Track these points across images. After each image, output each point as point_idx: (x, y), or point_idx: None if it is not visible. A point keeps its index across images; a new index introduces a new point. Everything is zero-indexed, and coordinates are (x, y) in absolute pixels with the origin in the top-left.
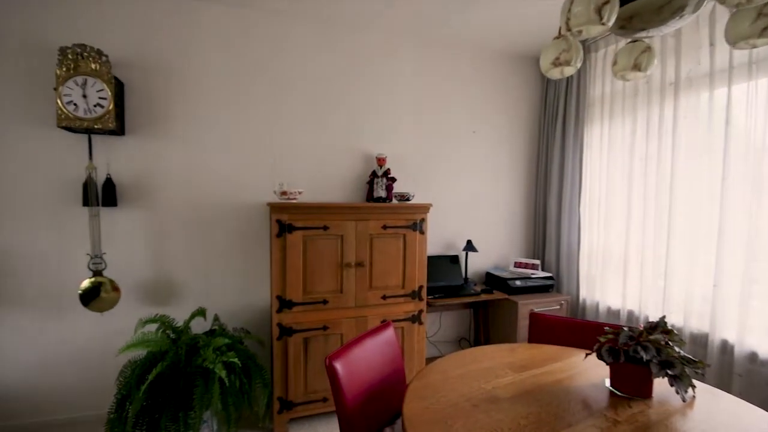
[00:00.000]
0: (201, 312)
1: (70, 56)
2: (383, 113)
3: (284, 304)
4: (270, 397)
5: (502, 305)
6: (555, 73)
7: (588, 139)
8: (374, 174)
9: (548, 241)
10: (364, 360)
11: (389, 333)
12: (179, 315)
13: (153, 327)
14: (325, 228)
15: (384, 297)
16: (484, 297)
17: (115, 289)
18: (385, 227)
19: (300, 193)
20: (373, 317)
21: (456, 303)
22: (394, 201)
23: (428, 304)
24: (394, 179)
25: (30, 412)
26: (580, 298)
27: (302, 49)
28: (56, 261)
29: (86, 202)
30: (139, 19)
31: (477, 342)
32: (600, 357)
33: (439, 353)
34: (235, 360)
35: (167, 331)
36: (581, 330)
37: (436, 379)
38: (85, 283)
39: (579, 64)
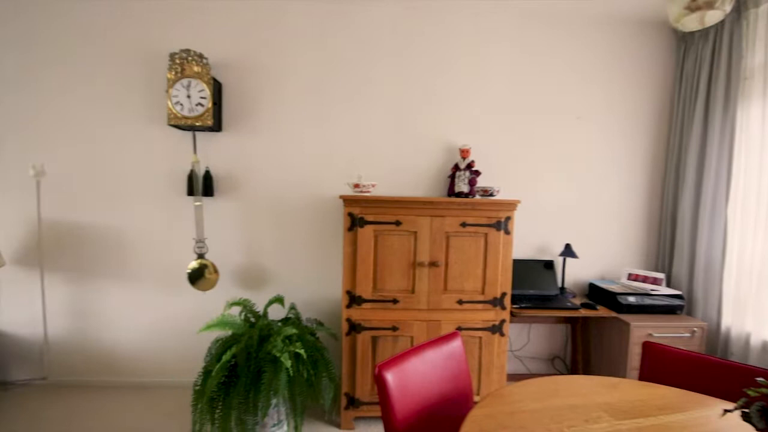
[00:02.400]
0: (279, 299)
1: (177, 61)
2: (469, 100)
3: (354, 299)
4: (337, 391)
5: (608, 325)
6: (691, 23)
7: (742, 122)
8: (456, 167)
9: (678, 251)
10: (420, 373)
11: (455, 345)
12: (262, 299)
13: (237, 309)
14: (398, 223)
15: (460, 302)
16: (584, 312)
17: (216, 271)
18: (463, 225)
19: (373, 185)
20: (446, 323)
21: (548, 316)
22: (477, 196)
23: (512, 314)
24: (478, 173)
25: (144, 371)
26: (722, 326)
27: (382, 38)
28: (166, 243)
29: (190, 192)
30: (236, 23)
31: (574, 364)
32: (747, 419)
33: (527, 370)
34: (301, 351)
35: (248, 315)
36: (719, 372)
37: (504, 411)
38: (193, 264)
39: (728, 8)
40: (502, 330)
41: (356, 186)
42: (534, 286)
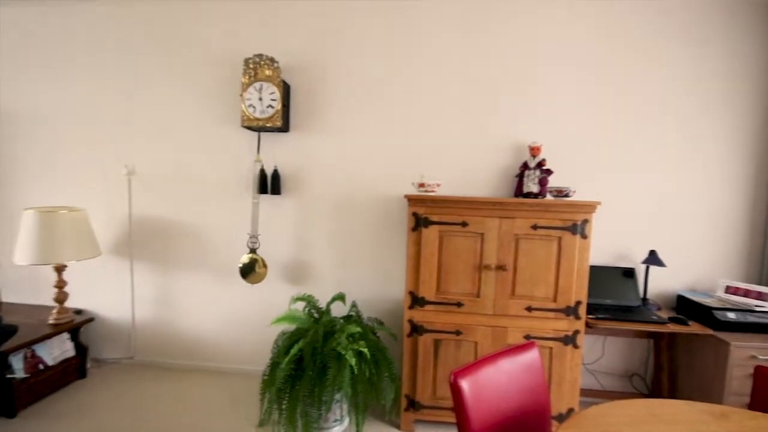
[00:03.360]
0: (340, 297)
1: (251, 65)
2: (540, 94)
3: (416, 300)
4: (398, 392)
5: (700, 343)
6: None
7: None
8: (525, 165)
9: None
10: (496, 384)
11: (532, 356)
12: (323, 294)
13: (301, 304)
14: (464, 224)
15: (529, 309)
16: (672, 328)
17: (264, 266)
18: (534, 227)
19: (438, 185)
20: (513, 330)
21: (628, 329)
22: (549, 197)
23: (587, 325)
24: (549, 171)
25: (216, 357)
26: None
27: (448, 35)
28: (236, 238)
29: (261, 190)
30: (304, 27)
31: (657, 384)
32: None
33: (600, 386)
34: (365, 350)
35: (312, 310)
36: None
37: None
38: (244, 258)
39: None
40: (576, 341)
41: (421, 185)
42: (612, 296)
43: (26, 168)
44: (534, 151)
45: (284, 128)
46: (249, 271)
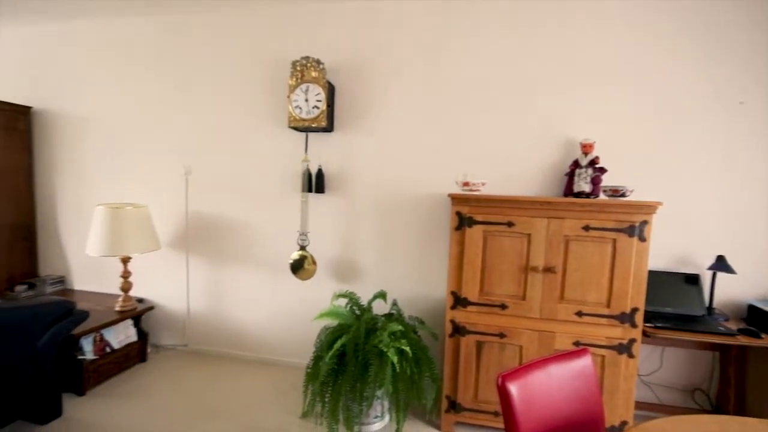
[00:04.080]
0: (382, 295)
1: (298, 67)
2: (592, 89)
3: (459, 301)
4: (438, 392)
5: None
6: None
7: None
8: (576, 164)
9: None
10: (546, 390)
11: (585, 363)
12: (363, 292)
13: (342, 301)
14: (510, 224)
15: (579, 314)
16: (743, 340)
17: (314, 262)
18: (587, 228)
19: (483, 184)
20: (561, 335)
21: (691, 340)
22: (602, 197)
23: (644, 334)
24: (603, 170)
25: (263, 349)
26: None
27: (491, 31)
28: (282, 234)
29: (304, 189)
30: (349, 28)
31: (722, 400)
32: None
33: (657, 400)
34: (407, 348)
35: (353, 307)
36: None
37: None
38: (295, 255)
39: None
40: (632, 350)
41: (465, 184)
42: (672, 304)
43: (99, 168)
44: (586, 148)
45: (329, 128)
46: (299, 268)
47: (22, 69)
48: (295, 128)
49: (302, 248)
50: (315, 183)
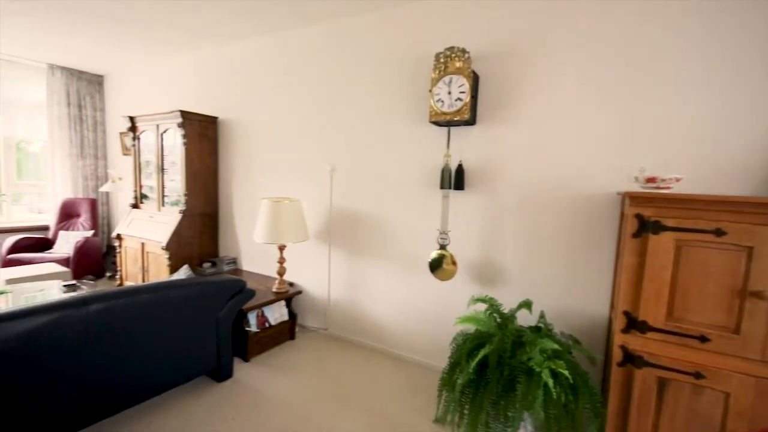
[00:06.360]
0: (527, 304)
1: (441, 59)
2: None
3: (634, 324)
4: (601, 431)
5: None
6: None
7: None
8: None
9: None
10: None
11: None
12: (501, 298)
13: (481, 306)
14: (719, 233)
15: None
16: None
17: (454, 263)
18: None
19: (677, 180)
20: None
21: None
22: None
23: None
24: None
25: (396, 344)
26: None
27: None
28: (417, 231)
29: (442, 185)
30: (494, 14)
31: None
32: None
33: None
34: (565, 372)
35: (494, 314)
36: None
37: None
38: (434, 254)
39: None
40: None
41: (649, 180)
42: None
43: (264, 167)
44: None
45: (471, 121)
46: (437, 267)
47: (207, 85)
48: (436, 123)
49: (442, 247)
50: (454, 179)
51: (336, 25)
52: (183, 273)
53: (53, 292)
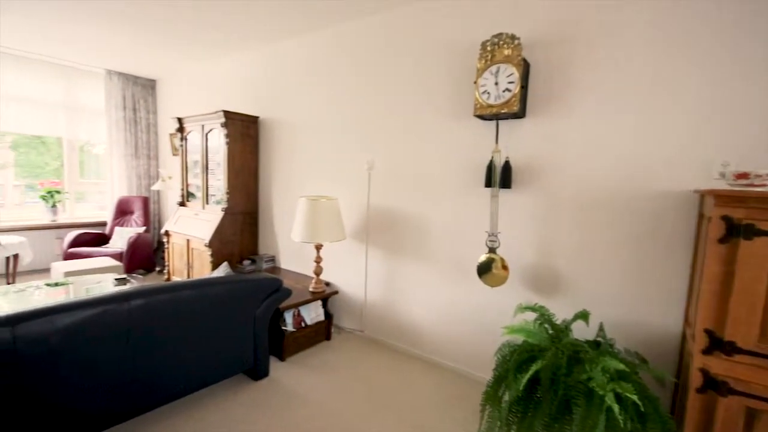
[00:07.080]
0: (584, 315)
1: (488, 48)
2: None
3: (717, 344)
4: None
5: None
6: None
7: None
8: None
9: None
10: None
11: None
12: (553, 308)
13: (529, 315)
14: None
15: None
16: None
17: (505, 267)
18: None
19: None
20: None
21: None
22: None
23: None
24: None
25: (433, 349)
26: None
27: None
28: (460, 232)
29: (488, 184)
30: None
31: None
32: None
33: None
34: (634, 397)
35: (545, 325)
36: None
37: None
38: (482, 258)
39: None
40: None
41: (740, 176)
42: None
43: (302, 165)
44: None
45: (520, 113)
46: (485, 271)
47: (250, 85)
48: (481, 116)
49: (491, 250)
50: (500, 177)
51: (377, 19)
52: (222, 270)
53: (108, 285)
